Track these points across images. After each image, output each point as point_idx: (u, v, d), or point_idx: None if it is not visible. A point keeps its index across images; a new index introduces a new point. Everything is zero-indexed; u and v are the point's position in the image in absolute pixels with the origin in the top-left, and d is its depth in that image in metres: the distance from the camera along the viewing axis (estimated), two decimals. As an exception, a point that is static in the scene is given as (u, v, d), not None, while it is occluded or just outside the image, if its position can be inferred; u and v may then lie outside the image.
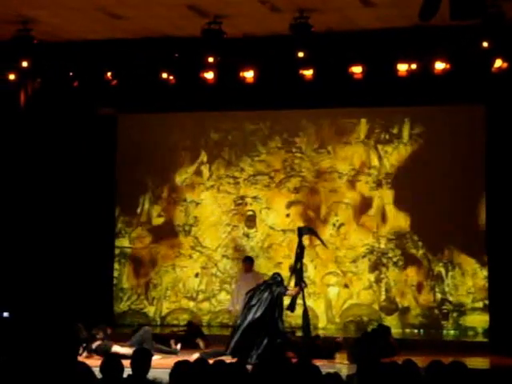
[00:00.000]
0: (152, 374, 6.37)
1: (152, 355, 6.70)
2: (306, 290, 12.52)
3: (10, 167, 14.94)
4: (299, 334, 13.42)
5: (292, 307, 12.19)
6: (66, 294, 15.24)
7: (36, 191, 15.30)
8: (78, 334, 12.39)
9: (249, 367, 5.19)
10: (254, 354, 11.48)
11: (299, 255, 12.23)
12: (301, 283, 12.11)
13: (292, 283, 12.27)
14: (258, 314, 11.77)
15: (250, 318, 11.78)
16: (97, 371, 5.99)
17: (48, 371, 5.77)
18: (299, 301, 12.30)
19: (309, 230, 13.22)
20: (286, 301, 12.26)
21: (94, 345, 12.29)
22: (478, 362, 11.57)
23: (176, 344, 13.41)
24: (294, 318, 15.26)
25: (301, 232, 12.56)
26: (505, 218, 14.70)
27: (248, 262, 14.07)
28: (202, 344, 13.57)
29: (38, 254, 15.16)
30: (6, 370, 5.73)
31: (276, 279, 12.16)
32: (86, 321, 13.36)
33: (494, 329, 14.72)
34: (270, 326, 11.73)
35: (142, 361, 6.24)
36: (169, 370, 5.69)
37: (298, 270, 12.17)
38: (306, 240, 13.40)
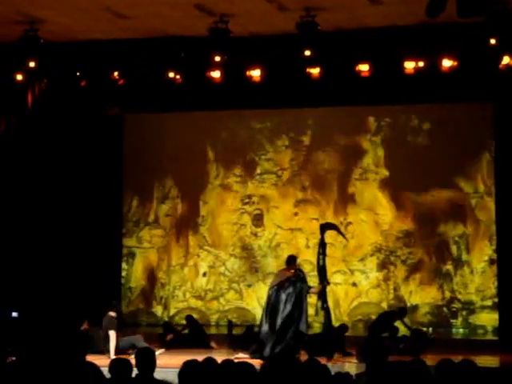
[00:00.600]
0: (160, 374, 6.35)
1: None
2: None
3: (17, 167, 14.95)
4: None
5: (322, 305, 12.13)
6: (75, 294, 15.25)
7: (43, 191, 15.31)
8: (86, 334, 12.41)
9: (257, 367, 5.18)
10: (277, 346, 11.48)
11: (322, 252, 12.13)
12: (324, 281, 12.04)
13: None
14: (286, 311, 11.76)
15: (280, 318, 11.74)
16: (105, 371, 5.98)
17: (56, 371, 5.76)
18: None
19: (331, 225, 13.02)
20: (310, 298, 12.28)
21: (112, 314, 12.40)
22: (487, 361, 11.52)
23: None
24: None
25: (323, 228, 12.46)
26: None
27: (293, 261, 13.59)
28: (214, 344, 13.48)
29: (46, 255, 15.17)
30: (14, 370, 5.73)
31: (299, 276, 12.12)
32: (94, 320, 13.39)
33: (503, 327, 14.68)
34: (294, 323, 11.72)
35: (146, 360, 6.19)
36: (177, 370, 5.67)
37: (321, 268, 12.10)
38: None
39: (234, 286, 16.59)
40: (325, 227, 12.51)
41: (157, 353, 10.31)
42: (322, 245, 12.14)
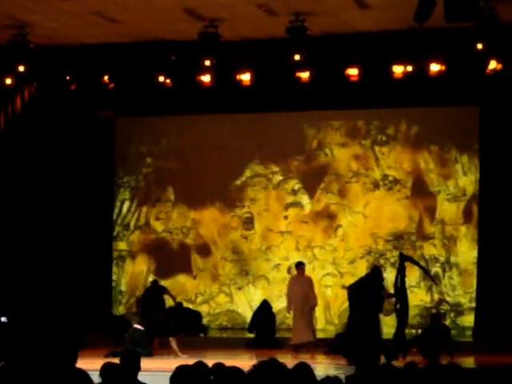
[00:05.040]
0: (149, 377, 6.38)
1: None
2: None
3: (7, 172, 14.95)
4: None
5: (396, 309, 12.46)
6: (65, 298, 15.26)
7: (34, 195, 15.31)
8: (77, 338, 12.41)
9: (245, 370, 5.22)
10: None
11: (401, 278, 12.34)
12: (396, 295, 12.32)
13: None
14: (359, 315, 12.02)
15: (355, 320, 12.03)
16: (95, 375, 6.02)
17: (45, 376, 5.78)
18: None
19: (409, 258, 13.28)
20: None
21: None
22: (471, 362, 11.62)
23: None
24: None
25: (403, 258, 12.74)
26: (497, 216, 14.78)
27: (302, 267, 14.13)
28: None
29: (36, 258, 15.17)
30: (4, 375, 5.74)
31: (368, 278, 12.44)
32: (84, 323, 13.42)
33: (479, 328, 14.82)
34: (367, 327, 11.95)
35: (130, 363, 6.18)
36: (168, 374, 5.71)
37: (399, 288, 12.32)
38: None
39: (225, 289, 16.62)
40: (404, 258, 12.73)
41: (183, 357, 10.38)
42: (401, 270, 12.36)
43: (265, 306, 14.94)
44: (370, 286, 12.15)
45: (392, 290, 12.48)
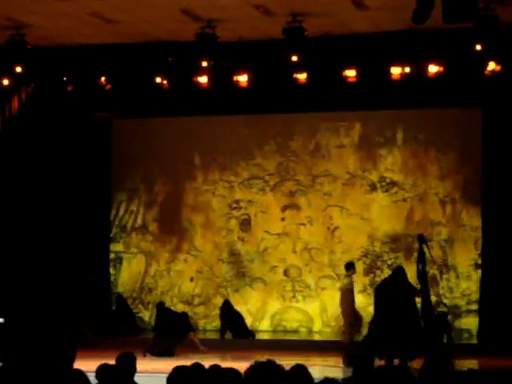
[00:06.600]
0: (145, 379, 6.35)
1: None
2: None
3: (5, 173, 14.91)
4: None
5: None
6: (63, 299, 15.23)
7: (30, 197, 15.28)
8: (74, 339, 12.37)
9: (242, 371, 5.20)
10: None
11: (420, 260, 12.55)
12: (423, 285, 12.42)
13: None
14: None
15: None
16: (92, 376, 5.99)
17: (43, 377, 5.75)
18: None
19: (426, 242, 13.32)
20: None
21: None
22: (471, 364, 11.59)
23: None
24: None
25: (422, 239, 12.90)
26: (500, 219, 14.74)
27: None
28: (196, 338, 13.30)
29: (34, 260, 15.13)
30: (2, 376, 5.72)
31: (389, 279, 12.45)
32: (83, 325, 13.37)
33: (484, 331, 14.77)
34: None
35: (126, 364, 6.17)
36: (164, 375, 5.68)
37: (421, 274, 12.49)
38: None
39: (222, 291, 16.59)
40: (422, 240, 12.93)
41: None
42: (421, 253, 12.57)
43: (226, 307, 15.02)
44: (400, 287, 12.03)
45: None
